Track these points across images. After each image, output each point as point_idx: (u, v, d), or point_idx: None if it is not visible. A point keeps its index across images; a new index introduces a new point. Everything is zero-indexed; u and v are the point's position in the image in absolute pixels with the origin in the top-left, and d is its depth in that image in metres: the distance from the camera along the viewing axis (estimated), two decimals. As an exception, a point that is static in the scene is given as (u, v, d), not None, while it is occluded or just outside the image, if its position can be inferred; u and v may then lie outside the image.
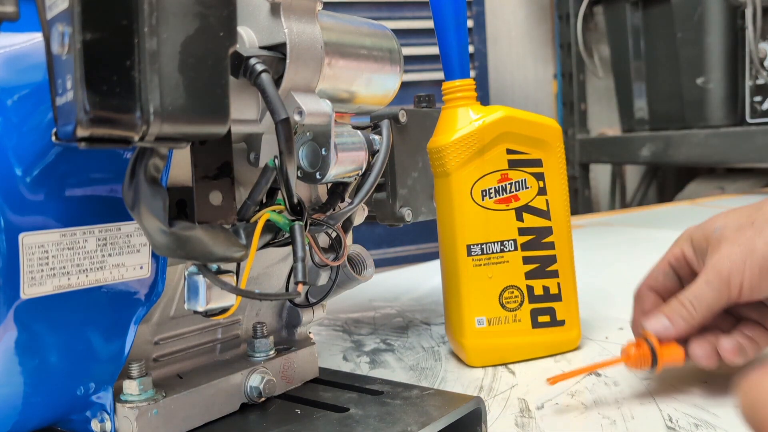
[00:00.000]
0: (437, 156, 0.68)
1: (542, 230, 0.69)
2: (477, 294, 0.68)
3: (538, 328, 0.70)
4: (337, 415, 0.51)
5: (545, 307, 0.70)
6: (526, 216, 0.69)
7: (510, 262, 0.68)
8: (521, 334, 0.69)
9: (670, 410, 0.56)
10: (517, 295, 0.69)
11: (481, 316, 0.68)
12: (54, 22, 0.33)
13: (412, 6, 2.62)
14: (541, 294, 0.69)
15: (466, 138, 0.67)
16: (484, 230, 0.68)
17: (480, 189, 0.67)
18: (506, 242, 0.68)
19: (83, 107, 0.32)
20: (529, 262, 0.69)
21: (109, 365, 0.45)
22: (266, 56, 0.46)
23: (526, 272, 0.69)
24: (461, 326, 0.69)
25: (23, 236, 0.39)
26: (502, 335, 0.69)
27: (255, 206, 0.46)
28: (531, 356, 0.71)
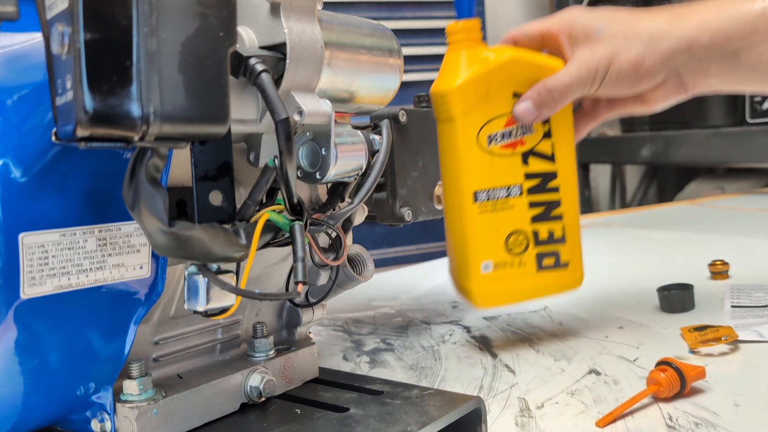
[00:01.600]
0: (441, 101, 0.66)
1: (547, 175, 0.69)
2: (483, 240, 0.68)
3: (542, 270, 0.70)
4: (337, 415, 0.51)
5: (550, 251, 0.70)
6: (531, 160, 0.68)
7: (516, 207, 0.68)
8: (526, 277, 0.69)
9: (670, 409, 0.56)
10: (522, 239, 0.68)
11: (487, 261, 0.68)
12: (54, 22, 0.33)
13: (412, 6, 2.62)
14: (545, 238, 0.69)
15: (472, 82, 0.65)
16: (491, 176, 0.67)
17: (486, 134, 0.66)
18: (512, 188, 0.68)
19: (83, 107, 0.32)
20: (535, 206, 0.68)
21: (109, 365, 0.45)
22: (266, 56, 0.46)
23: (532, 217, 0.68)
24: (467, 271, 0.69)
25: (23, 236, 0.39)
26: (508, 279, 0.69)
27: (255, 206, 0.46)
28: (535, 297, 0.72)
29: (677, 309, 0.83)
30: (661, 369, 0.58)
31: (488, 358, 0.73)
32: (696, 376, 0.59)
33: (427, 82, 2.42)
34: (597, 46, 0.66)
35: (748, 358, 0.67)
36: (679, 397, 0.58)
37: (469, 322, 0.86)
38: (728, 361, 0.67)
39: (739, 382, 0.61)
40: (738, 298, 0.85)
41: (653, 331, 0.77)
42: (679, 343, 0.72)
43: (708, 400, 0.58)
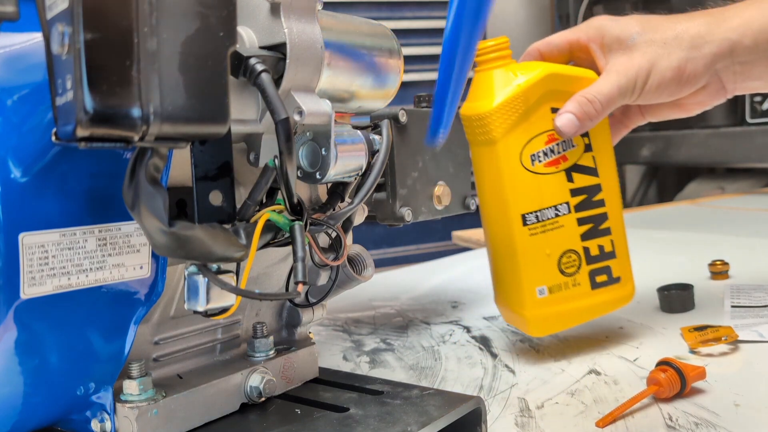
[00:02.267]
0: (478, 124, 0.65)
1: (592, 188, 0.67)
2: (535, 264, 0.66)
3: (597, 288, 0.68)
4: (337, 415, 0.51)
5: (602, 267, 0.68)
6: (575, 176, 0.67)
7: (565, 226, 0.66)
8: (581, 297, 0.68)
9: (670, 409, 0.56)
10: (574, 258, 0.67)
11: (542, 286, 0.66)
12: (54, 22, 0.33)
13: (412, 6, 2.62)
14: (597, 254, 0.68)
15: (510, 101, 0.64)
16: (538, 197, 0.66)
17: (529, 153, 0.65)
18: (560, 206, 0.66)
19: (83, 107, 0.32)
20: (583, 223, 0.67)
21: (109, 365, 0.45)
22: (266, 56, 0.46)
23: (582, 234, 0.67)
24: (521, 299, 0.67)
25: (23, 236, 0.39)
26: (563, 301, 0.67)
27: (255, 206, 0.46)
28: (591, 318, 0.69)
29: (677, 309, 0.83)
30: (661, 369, 0.58)
31: (488, 358, 0.73)
32: (696, 376, 0.59)
33: (427, 82, 2.42)
34: (634, 53, 0.65)
35: (748, 358, 0.67)
36: (679, 397, 0.58)
37: (469, 322, 0.86)
38: (728, 361, 0.67)
39: (739, 382, 0.61)
40: (738, 298, 0.85)
41: (653, 331, 0.77)
42: (679, 343, 0.72)
43: (708, 400, 0.58)
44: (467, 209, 0.78)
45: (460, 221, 2.28)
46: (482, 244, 1.64)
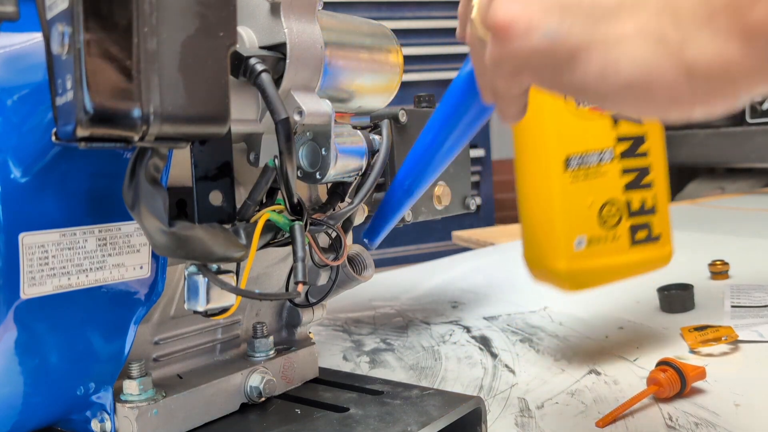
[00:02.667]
0: None
1: (638, 138, 0.64)
2: (575, 213, 0.63)
3: (635, 245, 0.65)
4: (337, 415, 0.51)
5: (642, 223, 0.65)
6: (621, 122, 0.63)
7: (608, 174, 0.63)
8: (619, 253, 0.64)
9: (670, 409, 0.56)
10: (616, 210, 0.64)
11: (580, 236, 0.63)
12: (54, 22, 0.33)
13: (412, 6, 2.62)
14: (638, 208, 0.65)
15: None
16: (583, 140, 0.62)
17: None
18: (605, 152, 0.63)
19: (83, 107, 0.32)
20: (627, 173, 0.64)
21: (109, 365, 0.45)
22: (266, 56, 0.46)
23: (625, 184, 0.64)
24: (556, 250, 0.64)
25: (23, 236, 0.39)
26: (601, 256, 0.63)
27: (255, 206, 0.46)
28: (626, 276, 0.66)
29: (677, 309, 0.83)
30: (661, 369, 0.58)
31: (488, 358, 0.73)
32: (696, 376, 0.59)
33: (427, 82, 2.42)
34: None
35: (748, 358, 0.67)
36: (679, 397, 0.58)
37: (469, 322, 0.86)
38: (728, 361, 0.67)
39: (739, 382, 0.61)
40: (738, 298, 0.85)
41: (653, 331, 0.77)
42: (679, 343, 0.72)
43: (708, 400, 0.58)
44: (467, 209, 0.78)
45: (460, 221, 2.28)
46: (482, 244, 1.64)
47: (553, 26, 0.33)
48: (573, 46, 0.32)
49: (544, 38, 0.33)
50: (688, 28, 0.30)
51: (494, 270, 1.22)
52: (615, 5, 0.31)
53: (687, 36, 0.30)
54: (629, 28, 0.31)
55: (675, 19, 0.30)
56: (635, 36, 0.31)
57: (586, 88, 0.33)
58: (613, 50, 0.31)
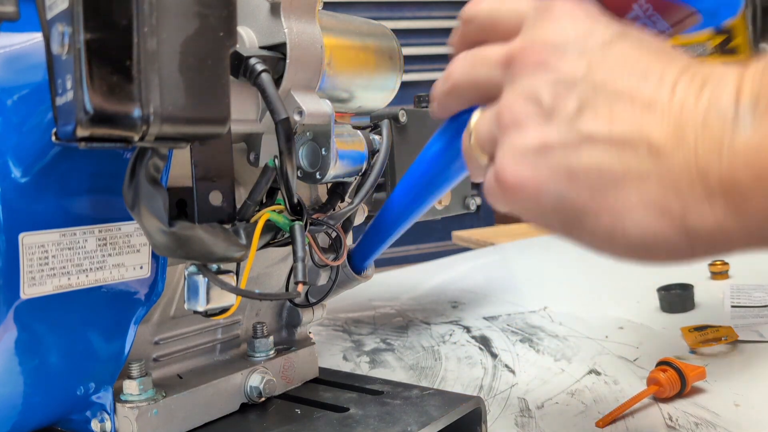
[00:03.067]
0: None
1: None
2: None
3: None
4: (337, 415, 0.51)
5: None
6: None
7: None
8: None
9: (671, 409, 0.56)
10: None
11: None
12: (54, 22, 0.33)
13: (412, 6, 2.62)
14: None
15: None
16: None
17: None
18: None
19: (83, 107, 0.32)
20: None
21: (109, 365, 0.45)
22: (266, 56, 0.46)
23: None
24: None
25: (23, 236, 0.39)
26: None
27: (255, 206, 0.46)
28: None
29: (677, 309, 0.83)
30: (661, 369, 0.58)
31: (488, 358, 0.73)
32: (696, 376, 0.59)
33: (427, 82, 2.43)
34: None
35: (748, 358, 0.67)
36: (680, 397, 0.58)
37: (469, 322, 0.86)
38: (728, 361, 0.67)
39: (739, 382, 0.61)
40: (738, 298, 0.85)
41: (653, 331, 0.77)
42: (679, 343, 0.72)
43: (708, 400, 0.58)
44: (467, 209, 0.78)
45: (460, 221, 2.28)
46: (482, 244, 1.64)
47: (562, 191, 0.34)
48: (580, 210, 0.34)
49: (552, 201, 0.35)
50: (688, 201, 0.32)
51: (494, 270, 1.22)
52: (620, 177, 0.33)
53: (688, 208, 0.32)
54: (634, 199, 0.33)
55: (676, 193, 0.32)
56: (640, 206, 0.33)
57: (593, 245, 0.35)
58: (620, 218, 0.33)
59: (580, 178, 0.34)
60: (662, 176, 0.32)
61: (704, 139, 0.31)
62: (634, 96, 0.34)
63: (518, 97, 0.36)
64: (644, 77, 0.34)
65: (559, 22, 0.36)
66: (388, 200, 0.52)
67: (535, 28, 0.37)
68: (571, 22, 0.36)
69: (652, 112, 0.33)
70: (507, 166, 0.36)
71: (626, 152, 0.33)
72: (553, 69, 0.35)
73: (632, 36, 0.36)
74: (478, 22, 0.41)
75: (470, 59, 0.40)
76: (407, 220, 0.52)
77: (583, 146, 0.34)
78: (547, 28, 0.36)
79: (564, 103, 0.34)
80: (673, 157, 0.32)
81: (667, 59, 0.35)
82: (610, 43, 0.35)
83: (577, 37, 0.35)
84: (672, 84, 0.33)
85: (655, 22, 0.40)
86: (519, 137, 0.35)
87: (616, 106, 0.34)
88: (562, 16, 0.36)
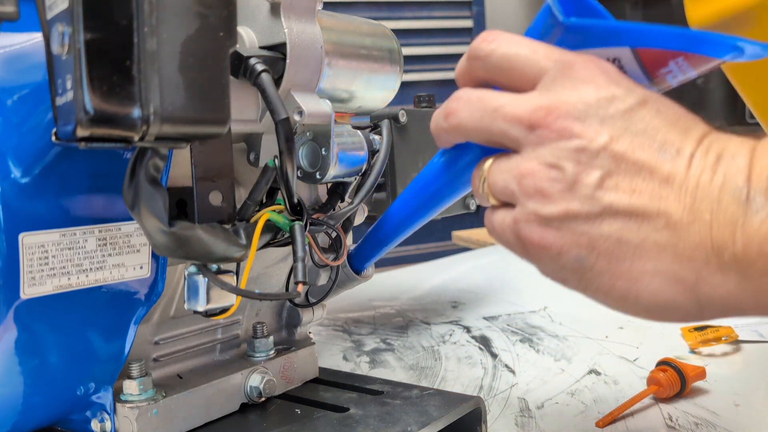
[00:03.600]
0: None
1: None
2: None
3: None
4: (337, 415, 0.51)
5: None
6: None
7: None
8: None
9: (670, 409, 0.56)
10: None
11: None
12: (54, 22, 0.33)
13: (412, 6, 2.62)
14: None
15: None
16: None
17: None
18: None
19: (83, 107, 0.32)
20: None
21: (109, 365, 0.45)
22: (266, 56, 0.46)
23: None
24: None
25: (23, 236, 0.39)
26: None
27: (255, 206, 0.46)
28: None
29: (677, 309, 0.83)
30: (661, 369, 0.58)
31: (488, 358, 0.73)
32: (696, 376, 0.59)
33: (427, 82, 2.42)
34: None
35: (748, 358, 0.67)
36: (679, 397, 0.58)
37: (469, 322, 0.86)
38: (728, 361, 0.67)
39: (739, 382, 0.61)
40: (738, 298, 0.85)
41: (653, 331, 0.77)
42: (679, 343, 0.72)
43: (708, 400, 0.58)
44: (467, 209, 0.78)
45: (460, 221, 2.28)
46: (482, 244, 1.64)
47: (582, 255, 0.36)
48: (598, 273, 0.37)
49: (572, 262, 0.37)
50: (702, 272, 0.34)
51: (494, 270, 1.22)
52: (637, 246, 0.35)
53: (701, 278, 0.34)
54: (650, 267, 0.35)
55: (691, 264, 0.34)
56: (655, 274, 0.35)
57: (607, 304, 0.38)
58: (635, 283, 0.36)
59: (599, 245, 0.36)
60: (678, 248, 0.34)
61: (719, 217, 0.33)
62: (653, 169, 0.35)
63: (542, 166, 0.37)
64: (662, 149, 0.35)
65: (581, 85, 0.37)
66: (389, 209, 0.52)
67: (556, 87, 0.37)
68: (594, 87, 0.37)
69: (669, 185, 0.35)
70: (532, 229, 0.37)
71: (644, 224, 0.35)
72: (575, 138, 0.36)
73: (651, 103, 0.37)
74: (492, 63, 0.40)
75: (483, 107, 0.40)
76: (406, 231, 0.52)
77: (604, 217, 0.36)
78: (570, 91, 0.37)
79: (586, 174, 0.36)
80: (689, 231, 0.34)
81: (683, 129, 0.36)
82: (631, 111, 0.36)
83: (599, 102, 0.36)
84: (689, 157, 0.35)
85: (685, 73, 0.40)
86: (543, 206, 0.37)
87: (636, 178, 0.35)
88: (584, 80, 0.37)
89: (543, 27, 0.41)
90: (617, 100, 0.36)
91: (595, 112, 0.36)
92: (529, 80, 0.39)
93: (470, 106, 0.40)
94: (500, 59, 0.40)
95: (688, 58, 0.39)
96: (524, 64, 0.39)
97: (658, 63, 0.40)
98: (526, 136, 0.37)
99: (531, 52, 0.39)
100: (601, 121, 0.36)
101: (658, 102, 0.37)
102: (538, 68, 0.39)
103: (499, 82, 0.41)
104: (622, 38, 0.39)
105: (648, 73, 0.40)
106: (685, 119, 0.37)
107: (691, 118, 0.37)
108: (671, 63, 0.39)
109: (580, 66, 0.37)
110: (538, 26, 0.41)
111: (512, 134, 0.38)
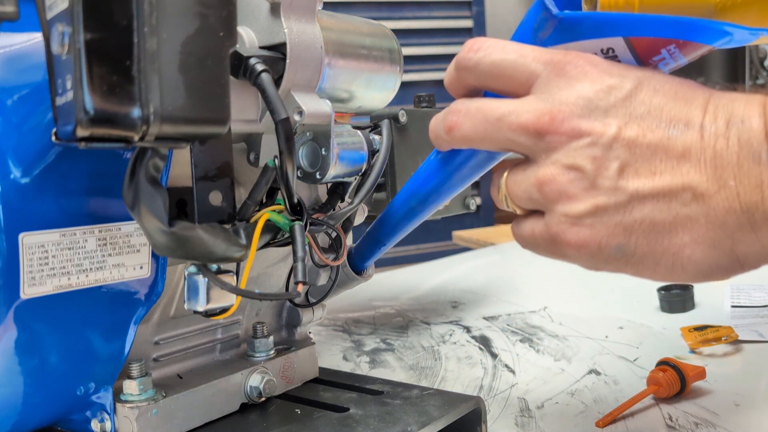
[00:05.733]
0: None
1: None
2: None
3: None
4: (337, 415, 0.51)
5: None
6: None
7: None
8: None
9: (671, 409, 0.56)
10: None
11: None
12: (54, 22, 0.33)
13: (412, 6, 2.62)
14: None
15: None
16: None
17: None
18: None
19: (83, 107, 0.32)
20: None
21: (109, 365, 0.45)
22: (266, 56, 0.46)
23: None
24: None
25: (23, 236, 0.39)
26: None
27: (255, 206, 0.46)
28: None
29: (677, 309, 0.83)
30: (661, 369, 0.58)
31: (488, 358, 0.73)
32: (696, 376, 0.59)
33: (427, 82, 2.42)
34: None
35: (748, 358, 0.67)
36: (680, 397, 0.58)
37: (469, 322, 0.86)
38: (728, 361, 0.67)
39: (739, 382, 0.61)
40: (738, 298, 0.85)
41: (653, 331, 0.77)
42: (679, 343, 0.72)
43: (708, 400, 0.58)
44: (467, 209, 0.78)
45: (460, 221, 2.28)
46: (482, 244, 1.64)
47: (621, 244, 0.37)
48: (641, 256, 0.37)
49: (613, 252, 0.38)
50: (736, 234, 0.36)
51: (494, 270, 1.22)
52: (671, 223, 0.36)
53: (736, 240, 0.36)
54: (688, 239, 0.36)
55: (724, 229, 0.36)
56: (695, 245, 0.36)
57: (654, 279, 0.39)
58: (679, 257, 0.37)
59: (635, 230, 0.37)
60: (709, 216, 0.35)
61: (743, 182, 0.35)
62: (667, 148, 0.36)
63: (560, 170, 0.37)
64: (671, 126, 0.36)
65: (576, 83, 0.37)
66: (387, 208, 0.52)
67: (552, 89, 0.38)
68: (588, 82, 0.37)
69: (687, 160, 0.36)
70: (566, 231, 0.38)
71: (673, 202, 0.36)
72: (585, 136, 0.36)
73: (647, 83, 0.37)
74: (481, 71, 0.41)
75: (485, 118, 0.40)
76: (405, 229, 0.52)
77: (632, 204, 0.36)
78: (567, 91, 0.37)
79: (605, 168, 0.36)
80: (716, 199, 0.35)
81: (685, 101, 0.37)
82: (630, 97, 0.37)
83: (598, 95, 0.37)
84: (699, 128, 0.36)
85: (677, 60, 0.41)
86: (571, 207, 0.37)
87: (653, 161, 0.36)
88: (577, 76, 0.37)
89: (536, 21, 0.41)
90: (614, 89, 0.37)
91: (597, 106, 0.37)
92: (521, 84, 0.39)
93: (471, 118, 0.40)
94: (489, 67, 0.40)
95: (680, 45, 0.40)
96: (514, 69, 0.39)
97: (650, 51, 0.40)
98: (536, 143, 0.38)
99: (519, 57, 0.39)
100: (605, 113, 0.37)
101: (653, 80, 0.38)
102: (529, 72, 0.39)
103: (492, 88, 0.41)
104: (615, 28, 0.39)
105: (641, 61, 0.41)
106: (683, 90, 0.38)
107: (688, 86, 0.38)
108: (663, 51, 0.40)
109: (570, 64, 0.38)
110: (531, 21, 0.42)
111: (521, 142, 0.38)
